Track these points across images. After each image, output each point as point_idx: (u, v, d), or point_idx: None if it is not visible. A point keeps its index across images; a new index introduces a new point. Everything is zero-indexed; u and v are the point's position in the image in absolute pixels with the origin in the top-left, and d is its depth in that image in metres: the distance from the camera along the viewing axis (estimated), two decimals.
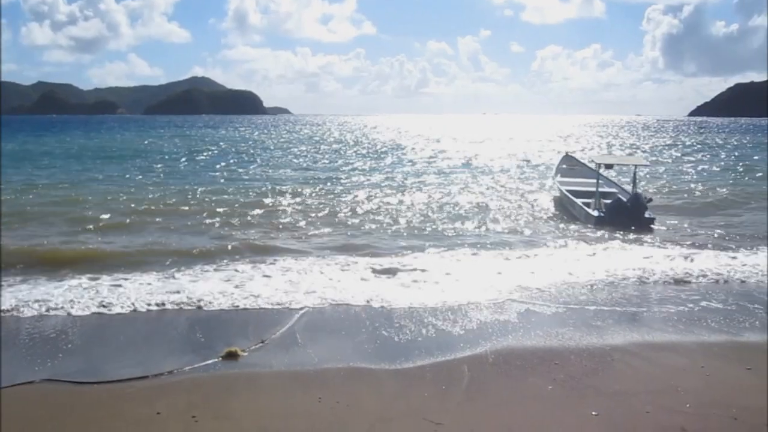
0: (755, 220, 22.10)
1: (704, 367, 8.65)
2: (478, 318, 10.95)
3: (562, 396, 7.71)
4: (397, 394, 7.83)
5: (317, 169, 40.25)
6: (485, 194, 28.04)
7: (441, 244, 16.94)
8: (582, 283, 13.18)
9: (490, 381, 8.24)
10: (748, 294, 12.63)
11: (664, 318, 11.07)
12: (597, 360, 8.92)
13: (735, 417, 7.01)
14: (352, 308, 11.51)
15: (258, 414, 7.28)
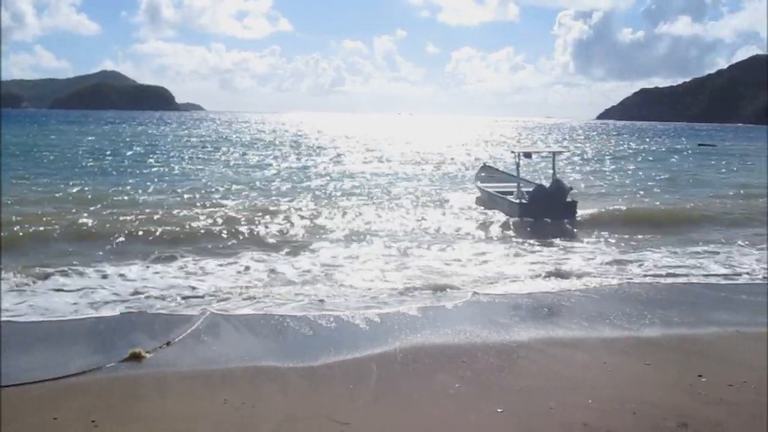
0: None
1: (606, 363, 8.86)
2: (388, 316, 10.94)
3: (468, 393, 7.76)
4: (305, 394, 7.73)
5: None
6: (406, 195, 28.17)
7: (352, 241, 16.92)
8: (491, 279, 13.35)
9: (399, 379, 8.22)
10: (648, 292, 13.02)
11: (568, 315, 11.31)
12: (503, 357, 9.02)
13: (634, 411, 7.19)
14: (260, 308, 11.30)
15: (161, 417, 7.06)
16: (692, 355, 9.23)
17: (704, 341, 9.96)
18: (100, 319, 10.59)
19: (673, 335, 10.23)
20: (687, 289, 13.27)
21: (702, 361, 8.93)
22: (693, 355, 9.27)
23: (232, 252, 15.42)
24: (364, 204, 24.39)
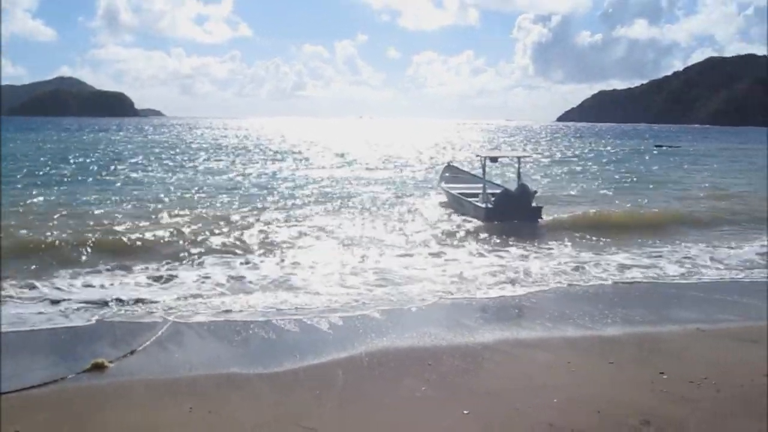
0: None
1: (570, 362, 8.94)
2: (351, 320, 10.95)
3: (435, 396, 7.78)
4: (271, 401, 7.69)
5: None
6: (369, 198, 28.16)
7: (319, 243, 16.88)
8: (454, 282, 13.41)
9: (365, 384, 8.22)
10: (609, 293, 13.20)
11: (532, 316, 11.40)
12: (468, 359, 9.07)
13: (598, 410, 7.27)
14: (223, 315, 11.21)
15: (125, 427, 6.97)
16: (654, 353, 9.37)
17: (665, 339, 10.12)
18: (61, 330, 10.41)
19: (635, 334, 10.37)
20: (647, 289, 13.48)
21: (664, 359, 9.06)
22: (655, 353, 9.41)
23: (193, 260, 15.26)
24: (326, 209, 24.30)
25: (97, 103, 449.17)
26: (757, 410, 7.31)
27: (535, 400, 7.61)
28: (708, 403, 7.53)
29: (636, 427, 6.88)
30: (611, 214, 23.20)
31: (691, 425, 6.94)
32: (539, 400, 7.61)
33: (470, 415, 7.20)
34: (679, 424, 6.96)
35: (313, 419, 7.11)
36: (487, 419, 7.13)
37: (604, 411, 7.26)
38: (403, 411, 7.40)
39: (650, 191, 32.40)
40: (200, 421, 7.08)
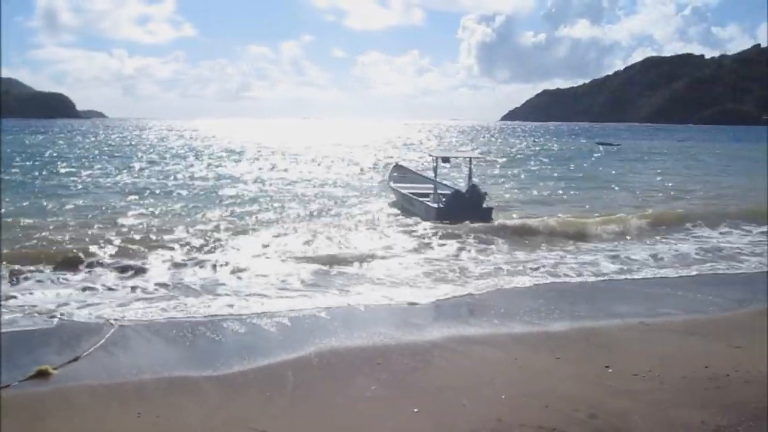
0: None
1: (517, 358, 9.05)
2: (299, 320, 10.93)
3: (385, 395, 7.79)
4: (221, 404, 7.61)
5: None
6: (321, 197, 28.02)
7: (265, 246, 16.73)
8: (403, 282, 13.45)
9: (316, 384, 8.18)
10: (555, 290, 13.40)
11: (480, 314, 11.50)
12: (417, 357, 9.10)
13: (546, 404, 7.37)
14: (169, 319, 11.04)
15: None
16: (599, 348, 9.52)
17: (610, 334, 10.31)
18: (3, 336, 10.12)
19: (580, 329, 10.54)
20: (590, 286, 13.71)
21: (609, 353, 9.22)
22: (600, 347, 9.57)
23: (136, 264, 14.95)
24: (273, 210, 24.15)
25: (37, 104, 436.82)
26: (699, 400, 7.50)
27: (484, 396, 7.68)
28: (652, 395, 7.69)
29: (583, 420, 6.99)
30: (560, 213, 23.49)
31: (635, 417, 7.08)
32: (488, 396, 7.68)
33: (420, 413, 7.23)
34: (624, 416, 7.09)
35: (263, 421, 7.06)
36: (437, 416, 7.17)
37: (552, 405, 7.36)
38: (354, 410, 7.40)
39: (597, 192, 32.70)
40: (149, 426, 6.97)
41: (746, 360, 8.79)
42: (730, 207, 24.91)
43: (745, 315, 11.53)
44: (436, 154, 25.78)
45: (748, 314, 11.56)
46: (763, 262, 15.95)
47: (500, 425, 6.88)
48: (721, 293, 12.95)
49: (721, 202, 27.51)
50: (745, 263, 15.94)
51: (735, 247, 17.73)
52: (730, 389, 7.85)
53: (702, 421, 6.93)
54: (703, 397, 7.63)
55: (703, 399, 7.55)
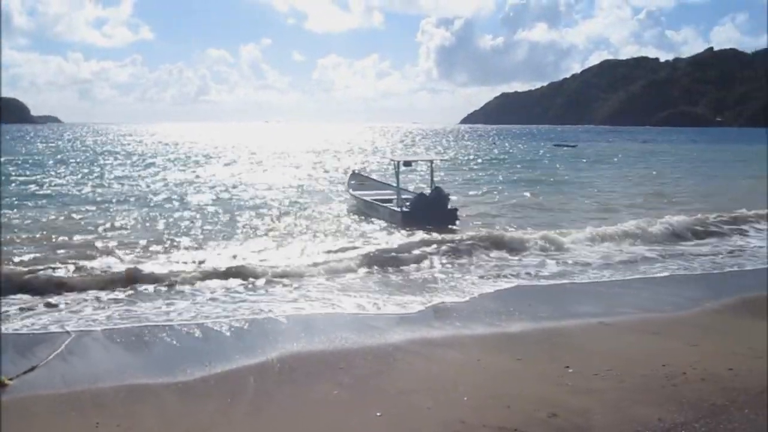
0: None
1: (480, 360, 9.10)
2: (257, 324, 10.91)
3: (348, 399, 7.79)
4: (181, 411, 7.53)
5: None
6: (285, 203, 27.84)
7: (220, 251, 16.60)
8: (367, 285, 13.44)
9: (277, 390, 8.15)
10: (518, 291, 13.49)
11: (441, 315, 11.54)
12: (380, 361, 9.10)
13: (508, 405, 7.43)
14: (126, 326, 10.87)
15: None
16: (560, 348, 9.62)
17: (570, 334, 10.42)
18: None
19: (541, 330, 10.63)
20: (551, 288, 13.83)
21: (569, 353, 9.32)
22: (560, 347, 9.67)
23: (93, 267, 14.70)
24: (231, 214, 23.98)
25: None
26: (657, 398, 7.62)
27: (447, 398, 7.71)
28: (612, 394, 7.79)
29: (544, 420, 7.06)
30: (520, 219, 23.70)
31: (595, 415, 7.17)
32: (451, 398, 7.71)
33: (383, 417, 7.24)
34: (584, 414, 7.18)
35: (224, 429, 7.02)
36: (400, 420, 7.18)
37: (514, 406, 7.42)
38: (316, 416, 7.38)
39: (557, 195, 33.04)
40: None
41: (702, 358, 8.96)
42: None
43: (700, 313, 11.74)
44: (398, 158, 25.78)
45: (703, 313, 11.78)
46: (717, 262, 16.28)
47: (463, 427, 6.92)
48: (677, 293, 13.19)
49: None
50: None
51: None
52: (687, 387, 7.98)
53: (659, 419, 7.05)
54: (660, 394, 7.76)
55: (661, 397, 7.68)
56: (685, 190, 34.97)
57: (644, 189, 34.85)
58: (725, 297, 12.80)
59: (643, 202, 29.01)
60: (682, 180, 41.45)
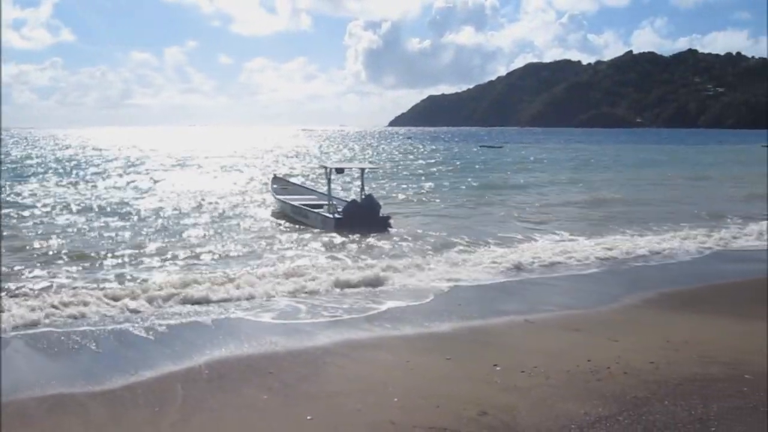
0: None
1: (409, 361, 9.17)
2: (181, 329, 10.78)
3: (277, 404, 7.74)
4: (106, 421, 7.36)
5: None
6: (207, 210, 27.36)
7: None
8: (292, 289, 13.35)
9: (206, 396, 8.03)
10: (445, 292, 13.60)
11: (369, 317, 11.56)
12: (310, 365, 9.07)
13: (437, 405, 7.50)
14: (48, 332, 10.58)
15: None
16: (488, 347, 9.78)
17: (498, 332, 10.61)
18: None
19: (469, 329, 10.78)
20: (478, 288, 13.98)
21: (497, 351, 9.48)
22: (488, 346, 9.82)
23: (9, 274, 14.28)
24: (158, 219, 23.53)
25: None
26: (582, 393, 7.82)
27: (377, 399, 7.74)
28: (538, 390, 7.95)
29: (474, 418, 7.16)
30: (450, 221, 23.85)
31: (523, 412, 7.30)
32: (380, 399, 7.75)
33: (314, 420, 7.22)
34: (512, 411, 7.30)
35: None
36: (331, 423, 7.17)
37: (444, 406, 7.50)
38: (246, 422, 7.31)
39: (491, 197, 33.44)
40: None
41: (624, 352, 9.23)
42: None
43: (620, 309, 12.11)
44: (331, 165, 25.64)
45: (623, 308, 12.16)
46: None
47: (393, 428, 6.96)
48: (597, 289, 13.56)
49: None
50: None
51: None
52: (611, 381, 8.21)
53: (585, 413, 7.22)
54: (585, 389, 7.95)
55: (586, 391, 7.88)
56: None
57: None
58: (644, 292, 13.20)
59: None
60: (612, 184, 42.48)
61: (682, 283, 14.16)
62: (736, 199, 30.77)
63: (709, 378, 8.25)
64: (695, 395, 7.66)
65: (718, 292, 13.38)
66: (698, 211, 25.39)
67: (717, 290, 13.58)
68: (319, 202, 23.87)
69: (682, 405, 7.37)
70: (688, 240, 18.85)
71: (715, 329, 10.63)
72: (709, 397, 7.58)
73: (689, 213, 25.01)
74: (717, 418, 6.99)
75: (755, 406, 7.28)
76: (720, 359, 8.92)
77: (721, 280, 14.46)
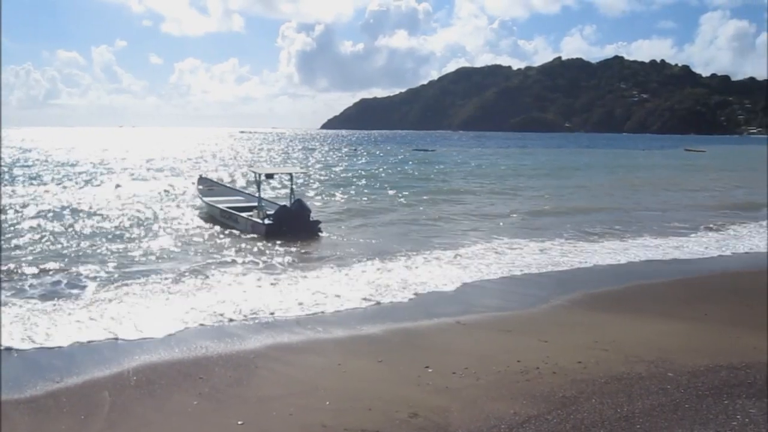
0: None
1: (341, 364, 9.17)
2: (117, 336, 10.48)
3: (208, 409, 7.65)
4: (30, 430, 7.16)
5: None
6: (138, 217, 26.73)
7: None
8: (221, 298, 13.21)
9: (134, 403, 7.88)
10: (377, 295, 13.58)
11: (303, 321, 11.48)
12: (240, 369, 8.99)
13: (369, 407, 7.52)
14: None
15: None
16: (419, 349, 9.84)
17: (429, 334, 10.68)
18: None
19: (401, 331, 10.83)
20: (407, 289, 14.02)
21: (429, 353, 9.55)
22: (420, 348, 9.88)
23: None
24: (83, 224, 22.93)
25: None
26: (512, 393, 7.95)
27: (308, 403, 7.72)
28: (469, 391, 8.05)
29: (405, 420, 7.20)
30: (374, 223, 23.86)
31: (455, 413, 7.38)
32: (312, 403, 7.73)
33: (245, 425, 7.16)
34: (443, 412, 7.38)
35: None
36: (262, 427, 7.13)
37: (375, 408, 7.52)
38: (176, 428, 7.21)
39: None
40: None
41: (553, 353, 9.41)
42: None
43: (549, 310, 12.33)
44: (260, 170, 25.34)
45: (551, 309, 12.38)
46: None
47: (325, 431, 6.94)
48: (526, 291, 13.76)
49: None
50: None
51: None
52: (540, 381, 8.37)
53: (514, 412, 7.34)
54: (515, 389, 8.08)
55: (516, 391, 8.00)
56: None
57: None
58: (572, 293, 13.46)
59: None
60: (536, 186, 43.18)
61: (608, 284, 14.44)
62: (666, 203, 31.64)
63: (635, 376, 8.48)
64: (621, 393, 7.86)
65: (643, 293, 13.71)
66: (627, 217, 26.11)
67: (641, 290, 13.91)
68: (247, 204, 23.68)
69: (608, 403, 7.56)
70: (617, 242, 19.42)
71: (641, 329, 10.89)
72: (634, 395, 7.79)
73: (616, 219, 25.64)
74: (642, 415, 7.18)
75: (677, 403, 7.51)
76: (645, 358, 9.17)
77: (645, 281, 14.81)
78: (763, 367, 8.65)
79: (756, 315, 11.66)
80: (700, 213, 27.36)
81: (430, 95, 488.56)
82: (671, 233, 21.43)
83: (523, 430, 6.93)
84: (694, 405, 7.45)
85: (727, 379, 8.26)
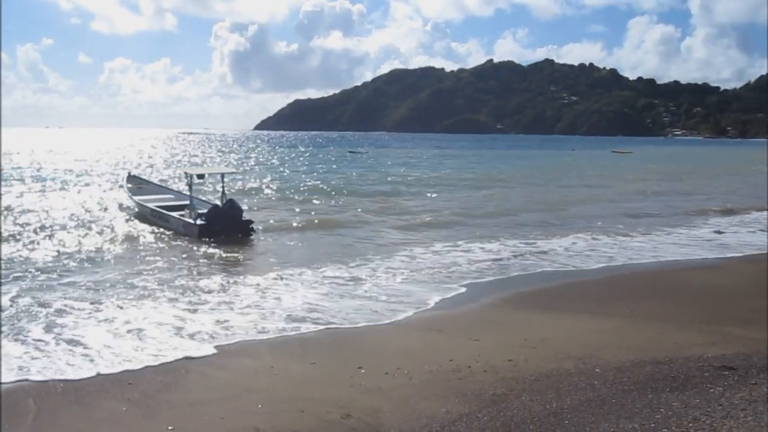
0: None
1: (273, 366, 9.11)
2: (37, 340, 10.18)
3: (137, 416, 7.52)
4: None
5: None
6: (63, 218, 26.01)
7: None
8: (156, 295, 12.99)
9: (61, 411, 7.70)
10: (312, 295, 13.55)
11: (234, 323, 11.32)
12: (170, 374, 8.85)
13: (301, 409, 7.51)
14: None
15: None
16: (352, 350, 9.85)
17: (362, 335, 10.71)
18: None
19: (333, 332, 10.84)
20: (338, 291, 14.03)
21: (361, 354, 9.58)
22: (353, 349, 9.90)
23: None
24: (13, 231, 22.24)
25: None
26: (444, 391, 8.02)
27: (240, 406, 7.67)
28: (402, 391, 8.10)
29: (337, 421, 7.21)
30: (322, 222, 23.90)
31: (387, 413, 7.42)
32: (244, 406, 7.67)
33: (175, 431, 7.05)
34: (376, 413, 7.41)
35: None
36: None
37: (308, 410, 7.51)
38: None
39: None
40: None
41: (484, 351, 9.54)
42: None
43: (479, 309, 12.47)
44: (191, 170, 25.05)
45: (482, 307, 12.54)
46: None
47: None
48: (459, 292, 13.87)
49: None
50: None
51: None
52: (472, 379, 8.47)
53: (446, 411, 7.42)
54: (447, 388, 8.16)
55: (448, 390, 8.08)
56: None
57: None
58: (502, 292, 13.65)
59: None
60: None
61: (537, 283, 14.67)
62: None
63: (563, 373, 8.65)
64: (550, 390, 8.01)
65: (571, 291, 13.98)
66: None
67: (570, 289, 14.18)
68: (178, 203, 23.43)
69: (538, 400, 7.69)
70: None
71: (569, 326, 11.11)
72: (562, 391, 7.94)
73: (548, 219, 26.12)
74: (570, 411, 7.32)
75: (604, 398, 7.68)
76: (573, 354, 9.37)
77: (572, 279, 15.11)
78: (685, 362, 8.93)
79: (678, 312, 12.05)
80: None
81: (363, 96, 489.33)
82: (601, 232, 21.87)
83: (454, 428, 7.01)
84: (620, 399, 7.63)
85: (651, 374, 8.49)
